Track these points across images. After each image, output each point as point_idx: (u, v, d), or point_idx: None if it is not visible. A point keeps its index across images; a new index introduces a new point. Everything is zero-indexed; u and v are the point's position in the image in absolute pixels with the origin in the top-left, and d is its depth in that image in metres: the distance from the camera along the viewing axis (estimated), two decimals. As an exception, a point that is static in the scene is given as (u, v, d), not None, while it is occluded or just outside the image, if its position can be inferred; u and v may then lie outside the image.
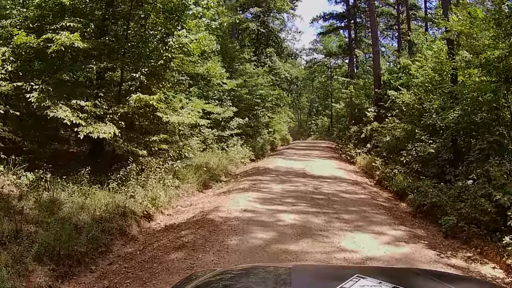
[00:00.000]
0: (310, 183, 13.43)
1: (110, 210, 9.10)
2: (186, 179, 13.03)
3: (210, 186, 14.06)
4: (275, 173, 15.40)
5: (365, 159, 20.59)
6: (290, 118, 45.79)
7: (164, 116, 11.61)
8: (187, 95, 18.83)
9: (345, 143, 28.33)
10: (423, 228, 9.61)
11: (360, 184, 14.41)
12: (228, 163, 18.43)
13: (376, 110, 22.87)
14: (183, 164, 12.20)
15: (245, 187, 12.17)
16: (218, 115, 19.70)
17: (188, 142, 15.91)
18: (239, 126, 21.15)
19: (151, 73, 11.36)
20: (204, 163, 15.94)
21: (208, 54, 21.06)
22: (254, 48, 35.18)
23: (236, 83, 21.24)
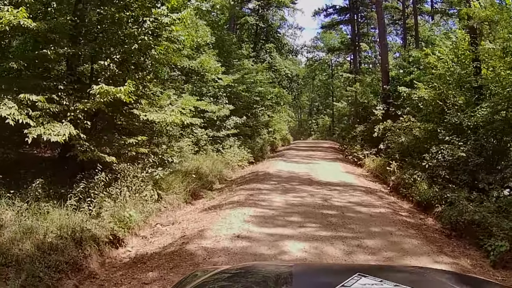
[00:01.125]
0: (318, 193, 11.16)
1: (64, 235, 6.89)
2: (171, 188, 10.77)
3: (201, 195, 11.79)
4: (276, 180, 13.12)
5: (375, 161, 18.36)
6: (291, 117, 43.53)
7: (141, 114, 9.34)
8: (176, 91, 16.56)
9: (350, 144, 26.16)
10: (466, 255, 7.40)
11: (374, 193, 12.14)
12: (223, 167, 16.16)
13: (385, 108, 20.63)
14: (166, 171, 9.90)
15: (241, 200, 9.89)
16: (212, 113, 17.44)
17: (174, 144, 13.65)
18: (236, 126, 18.87)
19: (124, 61, 9.09)
20: (195, 168, 13.68)
21: (202, 47, 18.81)
22: (253, 44, 32.89)
23: (232, 79, 18.94)
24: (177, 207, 10.33)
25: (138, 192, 9.14)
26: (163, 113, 9.63)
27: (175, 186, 10.86)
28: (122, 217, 7.60)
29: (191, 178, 11.53)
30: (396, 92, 20.92)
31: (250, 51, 29.59)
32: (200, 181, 12.83)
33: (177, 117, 9.51)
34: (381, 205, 10.32)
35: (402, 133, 15.49)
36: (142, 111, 9.88)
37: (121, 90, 7.60)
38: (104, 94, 7.83)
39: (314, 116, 57.28)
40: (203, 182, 12.91)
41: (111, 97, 7.99)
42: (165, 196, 10.40)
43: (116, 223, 7.58)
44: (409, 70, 20.55)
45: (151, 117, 9.23)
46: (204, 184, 12.77)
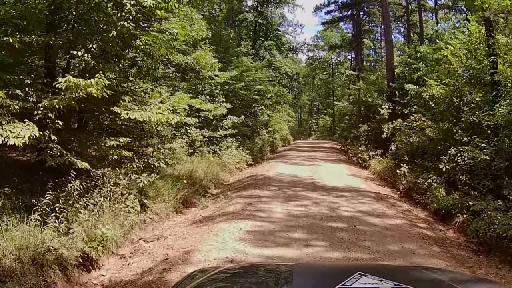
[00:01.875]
0: (323, 200, 9.89)
1: (24, 257, 5.66)
2: (159, 196, 9.52)
3: (193, 203, 10.54)
4: (277, 185, 11.84)
5: (381, 163, 17.11)
6: (291, 117, 42.23)
7: (123, 112, 8.07)
8: (169, 89, 15.31)
9: (353, 144, 24.89)
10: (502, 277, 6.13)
11: (385, 199, 10.89)
12: (220, 169, 14.89)
13: (391, 107, 19.36)
14: (152, 177, 8.63)
15: (237, 210, 8.60)
16: (208, 112, 16.17)
17: (164, 146, 12.39)
18: (234, 125, 17.59)
19: (102, 51, 7.81)
20: (188, 172, 12.42)
21: (198, 43, 17.53)
22: (252, 42, 31.60)
23: (230, 76, 17.64)
24: (166, 218, 9.07)
25: (119, 202, 7.87)
26: (149, 111, 8.33)
27: (164, 193, 9.61)
28: (94, 235, 6.31)
29: (182, 184, 10.24)
30: (402, 90, 19.65)
31: (249, 49, 28.30)
32: (193, 186, 11.57)
33: (163, 115, 8.21)
34: (396, 215, 9.05)
35: (412, 133, 14.21)
36: (125, 108, 8.60)
37: (92, 84, 6.31)
38: (73, 88, 6.55)
39: (314, 116, 55.93)
40: (196, 187, 11.66)
41: (83, 92, 6.70)
42: (152, 205, 9.14)
43: (87, 242, 6.30)
44: (417, 67, 19.25)
45: (133, 116, 7.93)
46: (197, 190, 11.51)
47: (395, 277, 1.91)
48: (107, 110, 8.45)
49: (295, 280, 2.00)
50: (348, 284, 1.71)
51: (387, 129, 14.95)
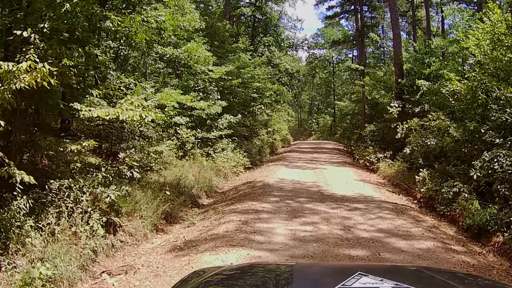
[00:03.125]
0: (335, 215, 8.11)
1: None
2: (136, 210, 7.73)
3: (179, 217, 8.77)
4: (278, 194, 10.04)
5: (391, 166, 15.36)
6: (291, 116, 40.43)
7: (83, 109, 6.27)
8: (156, 84, 13.54)
9: (357, 145, 23.12)
10: None
11: (406, 212, 9.12)
12: (214, 175, 13.13)
13: (401, 105, 17.56)
14: (122, 190, 6.83)
15: (228, 232, 6.78)
16: (201, 111, 14.39)
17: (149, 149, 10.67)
18: (230, 125, 15.80)
19: (56, 32, 6.03)
20: (176, 179, 10.66)
21: (191, 34, 15.75)
22: (251, 38, 29.74)
23: (225, 71, 15.84)
24: (142, 239, 7.30)
25: (77, 224, 6.09)
26: (119, 107, 6.53)
27: (141, 207, 7.82)
28: (29, 279, 4.53)
29: (164, 195, 8.45)
30: (412, 87, 17.89)
31: (248, 45, 26.48)
32: (181, 196, 9.80)
33: (135, 112, 6.41)
34: (423, 235, 7.27)
35: (429, 133, 12.43)
36: (89, 104, 6.83)
37: (23, 69, 4.52)
38: (8, 77, 4.78)
39: (314, 116, 54.11)
40: (184, 197, 9.88)
41: (23, 82, 4.91)
42: (126, 223, 7.36)
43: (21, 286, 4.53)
44: (429, 61, 17.48)
45: (95, 113, 6.14)
46: (185, 200, 9.73)
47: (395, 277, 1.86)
48: (67, 106, 6.67)
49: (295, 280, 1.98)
50: (348, 284, 1.67)
51: (401, 129, 13.12)
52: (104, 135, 10.61)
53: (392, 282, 1.72)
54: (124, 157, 6.96)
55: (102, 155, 10.95)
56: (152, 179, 10.63)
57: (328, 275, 2.10)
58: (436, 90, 15.77)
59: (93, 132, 10.86)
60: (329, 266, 3.43)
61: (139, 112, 6.37)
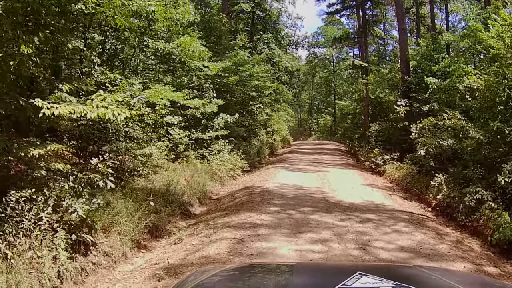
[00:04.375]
0: (346, 229, 6.96)
1: None
2: (114, 224, 6.59)
3: (166, 230, 7.63)
4: (279, 203, 8.87)
5: (399, 169, 14.23)
6: (290, 116, 39.28)
7: (45, 106, 5.11)
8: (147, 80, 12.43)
9: (360, 146, 21.98)
10: None
11: (424, 224, 8.00)
12: (209, 179, 11.99)
13: (408, 104, 16.44)
14: (92, 204, 5.67)
15: (221, 254, 5.58)
16: (196, 109, 13.24)
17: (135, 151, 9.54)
18: (227, 125, 14.63)
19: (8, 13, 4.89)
20: (165, 185, 9.52)
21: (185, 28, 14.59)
22: (250, 35, 28.55)
23: (221, 67, 14.67)
24: (121, 259, 6.16)
25: (35, 246, 4.96)
26: (89, 104, 5.37)
27: (121, 220, 6.67)
28: None
29: (151, 204, 7.29)
30: (421, 84, 16.75)
31: (246, 42, 25.31)
32: (170, 205, 8.66)
33: (108, 109, 5.24)
34: (450, 253, 6.15)
35: (443, 134, 11.29)
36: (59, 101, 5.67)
37: None
38: None
39: (314, 115, 52.96)
40: (174, 206, 8.73)
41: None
42: (101, 240, 6.21)
43: None
44: (439, 57, 16.33)
45: (57, 111, 4.99)
46: (174, 210, 8.57)
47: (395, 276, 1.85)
48: (27, 103, 5.51)
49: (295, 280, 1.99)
50: (349, 284, 1.66)
51: (415, 129, 11.95)
52: (85, 136, 9.51)
53: (392, 282, 1.69)
54: (97, 163, 5.79)
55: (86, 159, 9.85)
56: (139, 185, 9.50)
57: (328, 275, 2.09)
58: (447, 87, 14.67)
59: (75, 133, 9.78)
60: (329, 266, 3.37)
61: (111, 109, 5.20)
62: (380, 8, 31.29)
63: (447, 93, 14.80)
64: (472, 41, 13.97)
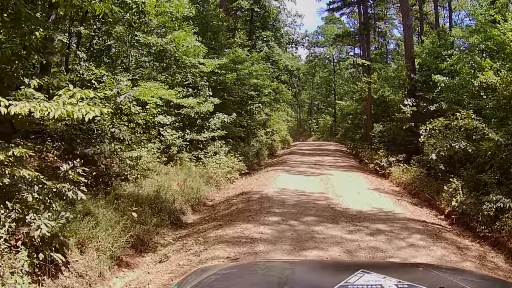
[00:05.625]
0: (355, 244, 6.11)
1: None
2: (94, 239, 5.74)
3: (152, 244, 6.79)
4: (279, 211, 8.02)
5: (406, 172, 13.40)
6: (290, 116, 38.42)
7: (2, 104, 4.27)
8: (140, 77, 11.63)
9: (363, 147, 21.17)
10: None
11: (441, 236, 7.19)
12: (204, 182, 11.16)
13: (414, 103, 15.61)
14: (60, 219, 4.82)
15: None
16: (190, 109, 12.42)
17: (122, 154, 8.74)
18: (224, 126, 13.79)
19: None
20: (154, 191, 8.69)
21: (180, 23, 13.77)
22: (249, 32, 27.72)
23: (217, 63, 13.83)
24: (97, 280, 5.31)
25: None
26: (56, 100, 4.52)
27: (99, 234, 5.83)
28: None
29: (134, 215, 6.45)
30: (428, 83, 15.92)
31: (245, 40, 24.46)
32: (159, 214, 7.82)
33: (75, 108, 4.39)
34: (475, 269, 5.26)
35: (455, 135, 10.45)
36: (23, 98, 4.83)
37: None
38: None
39: (314, 116, 52.12)
40: (163, 214, 7.89)
41: None
42: (76, 257, 5.38)
43: None
44: (447, 53, 15.49)
45: (13, 110, 4.15)
46: (163, 220, 7.73)
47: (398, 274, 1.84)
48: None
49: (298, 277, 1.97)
50: (351, 282, 1.65)
51: (425, 131, 11.10)
52: (68, 137, 8.68)
53: (395, 279, 1.67)
54: (67, 170, 4.94)
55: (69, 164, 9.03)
56: (126, 191, 8.67)
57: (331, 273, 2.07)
58: (456, 85, 13.85)
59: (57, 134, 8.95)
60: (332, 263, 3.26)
61: (79, 107, 4.36)
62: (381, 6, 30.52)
63: (456, 91, 13.99)
64: (482, 37, 13.14)
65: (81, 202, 6.57)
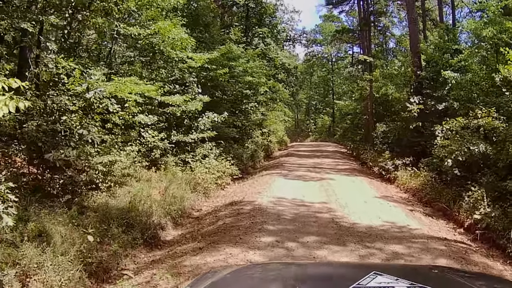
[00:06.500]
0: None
1: None
2: (40, 269, 4.45)
3: (118, 271, 5.47)
4: (274, 229, 6.69)
5: (415, 177, 12.14)
6: (287, 116, 37.09)
7: None
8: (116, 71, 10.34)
9: (365, 148, 19.90)
10: None
11: (469, 259, 5.94)
12: (190, 189, 9.89)
13: (421, 101, 14.34)
14: None
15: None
16: (177, 107, 11.13)
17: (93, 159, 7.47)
18: (214, 126, 12.49)
19: None
20: (128, 204, 7.42)
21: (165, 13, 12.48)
22: (244, 29, 26.36)
23: (207, 58, 12.51)
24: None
25: None
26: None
27: (45, 263, 4.53)
28: None
29: (90, 239, 5.15)
30: (436, 79, 14.66)
31: (240, 36, 23.15)
32: (132, 230, 6.54)
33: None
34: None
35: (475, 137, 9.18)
36: None
37: None
38: None
39: (312, 116, 50.81)
40: (135, 234, 6.58)
41: None
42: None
43: None
44: (460, 47, 14.21)
45: None
46: (135, 239, 6.43)
47: (410, 276, 1.76)
48: None
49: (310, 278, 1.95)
50: (364, 283, 1.61)
51: (441, 132, 9.80)
52: (29, 139, 7.39)
53: (407, 282, 1.63)
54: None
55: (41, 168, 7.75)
56: (96, 202, 7.39)
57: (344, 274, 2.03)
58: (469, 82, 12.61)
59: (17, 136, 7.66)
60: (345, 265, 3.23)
61: None
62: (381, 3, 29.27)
63: (468, 89, 12.75)
64: (497, 29, 11.90)
65: (36, 218, 5.37)
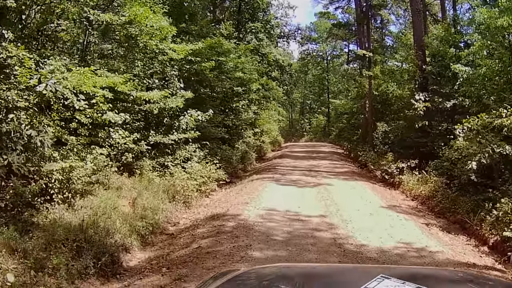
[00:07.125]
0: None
1: None
2: None
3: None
4: (261, 256, 5.28)
5: (423, 182, 10.81)
6: (281, 115, 35.68)
7: None
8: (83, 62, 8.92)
9: (363, 149, 18.55)
10: None
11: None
12: (168, 198, 8.49)
13: (427, 98, 13.02)
14: None
15: None
16: (154, 104, 9.72)
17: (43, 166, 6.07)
18: (199, 125, 11.07)
19: None
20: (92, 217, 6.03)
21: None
22: (236, 24, 24.91)
23: (190, 49, 11.07)
24: None
25: None
26: None
27: None
28: None
29: (8, 280, 3.74)
30: (444, 74, 13.35)
31: (232, 31, 21.70)
32: (83, 257, 5.14)
33: None
34: None
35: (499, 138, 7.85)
36: None
37: None
38: None
39: (306, 115, 49.48)
40: (88, 259, 5.17)
41: None
42: None
43: None
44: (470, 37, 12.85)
45: None
46: (87, 267, 5.02)
47: (418, 279, 1.76)
48: None
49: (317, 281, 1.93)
50: (371, 287, 1.60)
51: (461, 131, 8.43)
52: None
53: (414, 285, 1.62)
54: None
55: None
56: (49, 218, 6.00)
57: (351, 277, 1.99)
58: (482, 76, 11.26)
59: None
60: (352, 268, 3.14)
61: None
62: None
63: (479, 84, 11.42)
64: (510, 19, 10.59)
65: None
